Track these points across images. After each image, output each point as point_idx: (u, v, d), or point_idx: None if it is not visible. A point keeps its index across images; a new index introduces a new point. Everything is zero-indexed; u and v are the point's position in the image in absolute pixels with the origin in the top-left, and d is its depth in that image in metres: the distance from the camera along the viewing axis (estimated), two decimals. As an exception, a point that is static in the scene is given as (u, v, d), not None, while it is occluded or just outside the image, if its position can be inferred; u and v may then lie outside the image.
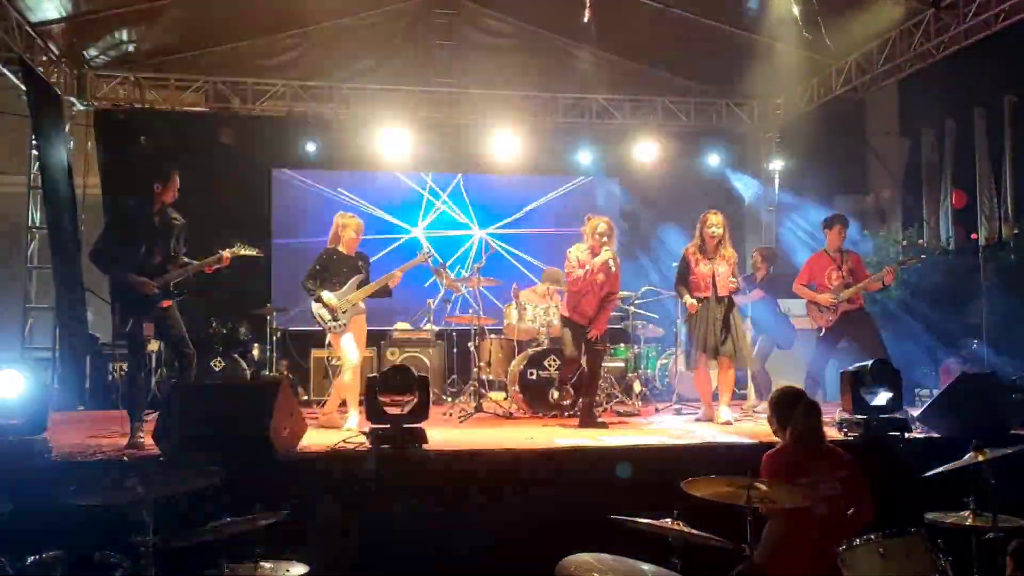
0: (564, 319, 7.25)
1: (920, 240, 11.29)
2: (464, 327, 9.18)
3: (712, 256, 7.11)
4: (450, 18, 10.56)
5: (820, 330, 7.57)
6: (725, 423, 6.91)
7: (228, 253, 6.15)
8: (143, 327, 5.98)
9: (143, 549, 3.30)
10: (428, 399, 5.41)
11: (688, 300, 7.11)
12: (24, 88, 9.10)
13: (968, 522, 3.88)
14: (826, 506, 3.82)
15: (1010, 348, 9.87)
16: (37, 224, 10.08)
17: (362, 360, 7.06)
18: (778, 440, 4.32)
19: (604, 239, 7.06)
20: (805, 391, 4.49)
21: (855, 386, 5.72)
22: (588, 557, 3.59)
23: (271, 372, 9.45)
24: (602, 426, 6.87)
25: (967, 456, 3.89)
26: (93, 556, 3.31)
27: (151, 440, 5.21)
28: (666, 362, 9.64)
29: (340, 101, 10.72)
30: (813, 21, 8.72)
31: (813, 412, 4.11)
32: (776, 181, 11.79)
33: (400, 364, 6.66)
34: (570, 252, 7.15)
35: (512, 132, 10.78)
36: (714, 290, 7.05)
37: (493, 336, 8.99)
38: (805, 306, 7.78)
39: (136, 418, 5.77)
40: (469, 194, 11.39)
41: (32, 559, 3.18)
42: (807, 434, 4.07)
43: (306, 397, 9.06)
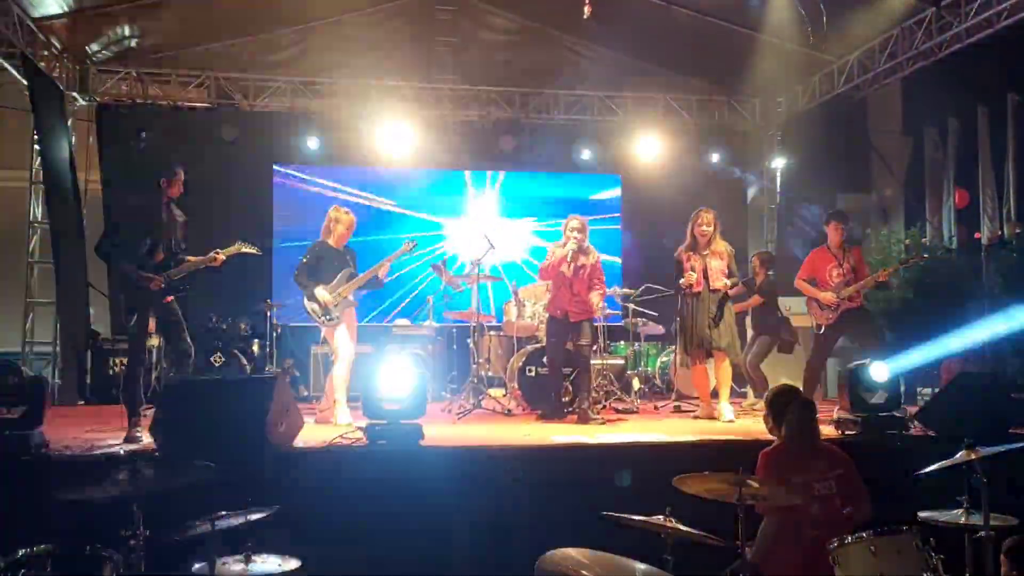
0: (547, 320, 7.42)
1: (923, 239, 11.26)
2: (464, 323, 9.18)
3: (703, 252, 7.17)
4: (452, 14, 10.58)
5: (819, 327, 7.55)
6: (728, 421, 6.90)
7: (223, 254, 6.18)
8: (147, 322, 6.01)
9: (133, 543, 3.31)
10: (425, 395, 5.42)
11: (685, 278, 7.11)
12: (26, 83, 9.12)
13: (961, 521, 3.87)
14: (820, 505, 3.81)
15: (1012, 348, 9.85)
16: (39, 219, 10.10)
17: (352, 353, 7.05)
18: (774, 438, 4.32)
19: (575, 234, 7.22)
20: (801, 389, 4.49)
21: (853, 384, 5.72)
22: (572, 552, 3.59)
23: (272, 368, 9.46)
24: (598, 423, 6.88)
25: (959, 455, 3.88)
26: (84, 550, 3.32)
27: (148, 435, 5.23)
28: (666, 360, 9.64)
29: (342, 97, 10.73)
30: (815, 18, 8.73)
31: (808, 410, 4.11)
32: (778, 179, 11.77)
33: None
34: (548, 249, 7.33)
35: (513, 128, 10.77)
36: (707, 283, 7.11)
37: (492, 333, 8.99)
38: (805, 303, 7.76)
39: (134, 413, 5.79)
40: (471, 190, 11.37)
41: (22, 552, 3.18)
42: (802, 432, 4.07)
43: (306, 393, 9.07)
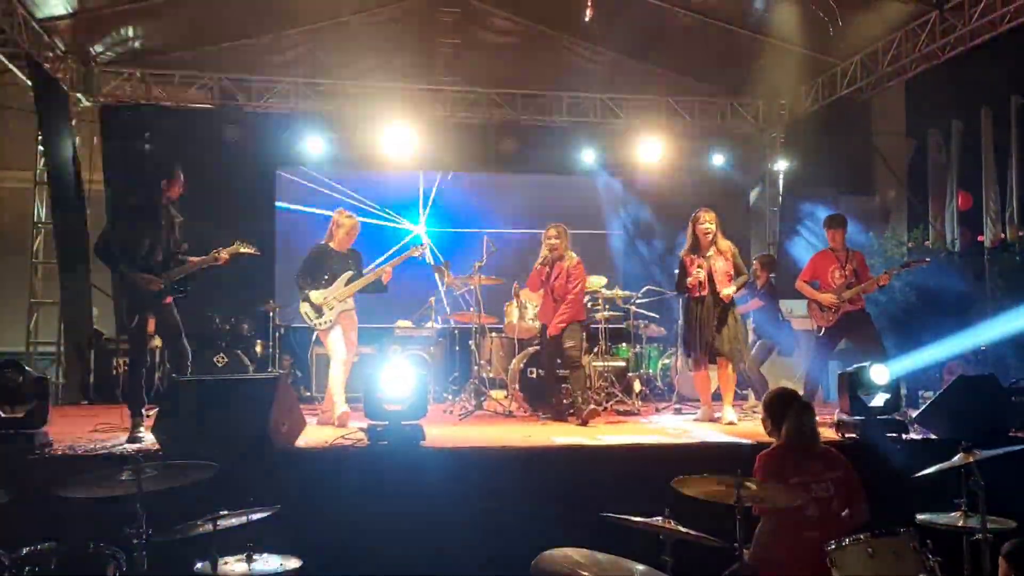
0: (540, 327, 7.59)
1: (925, 241, 11.26)
2: (465, 325, 9.20)
3: (706, 253, 7.13)
4: (455, 16, 10.60)
5: (820, 330, 7.55)
6: (729, 423, 6.91)
7: (225, 254, 6.18)
8: (148, 323, 6.02)
9: (136, 542, 3.34)
10: (426, 396, 5.44)
11: (692, 278, 7.06)
12: (31, 84, 9.16)
13: (959, 523, 3.88)
14: (817, 506, 3.83)
15: (1014, 350, 9.85)
16: (43, 219, 10.15)
17: (354, 355, 7.09)
18: (772, 440, 4.33)
19: (551, 241, 7.32)
20: (800, 392, 4.51)
21: (853, 387, 5.72)
22: (569, 551, 3.61)
23: (273, 368, 9.48)
24: (583, 424, 6.86)
25: (957, 457, 3.90)
26: (87, 548, 3.35)
27: (151, 434, 5.25)
28: (667, 362, 9.64)
29: (345, 98, 10.76)
30: (819, 21, 8.75)
31: (807, 413, 4.13)
32: (780, 182, 11.78)
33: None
34: None
35: (515, 130, 10.81)
36: (711, 287, 7.05)
37: (494, 334, 9.01)
38: (806, 306, 7.76)
39: (137, 413, 5.81)
40: (472, 192, 11.40)
41: (26, 550, 3.21)
42: (800, 434, 4.08)
43: (308, 394, 9.09)
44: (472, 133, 11.10)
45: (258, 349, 9.75)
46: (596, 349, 8.59)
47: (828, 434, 5.59)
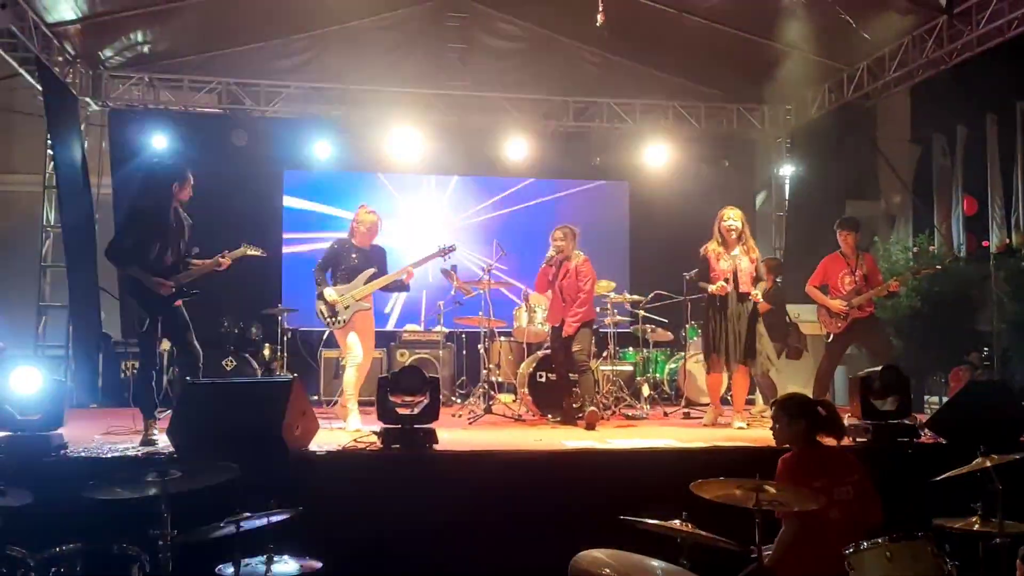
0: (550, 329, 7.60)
1: (931, 246, 11.29)
2: (474, 329, 9.21)
3: (732, 252, 7.02)
4: (462, 21, 10.64)
5: (828, 335, 7.56)
6: (739, 428, 6.90)
7: (227, 259, 6.18)
8: (158, 326, 6.02)
9: (161, 543, 3.35)
10: (438, 400, 5.45)
11: (715, 286, 6.96)
12: (40, 88, 9.19)
13: (975, 527, 3.89)
14: (839, 510, 3.84)
15: (1020, 355, 9.86)
16: (51, 223, 10.17)
17: (369, 358, 7.01)
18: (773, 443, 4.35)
19: (558, 243, 7.34)
20: (812, 397, 4.52)
21: (864, 392, 5.72)
22: (600, 554, 3.63)
23: (281, 371, 9.49)
24: (589, 428, 6.86)
25: (975, 461, 3.91)
26: (111, 549, 3.36)
27: (164, 437, 5.27)
28: (675, 366, 9.66)
29: (352, 103, 10.79)
30: (825, 26, 8.77)
31: (831, 411, 4.15)
32: (786, 187, 11.81)
33: (411, 365, 6.70)
34: None
35: (523, 135, 10.84)
36: (735, 287, 6.97)
37: (503, 338, 9.03)
38: (815, 310, 7.77)
39: (149, 415, 5.82)
40: (479, 197, 11.42)
41: (51, 551, 3.23)
42: (824, 432, 4.10)
43: (316, 397, 9.10)
44: (480, 137, 11.12)
45: (266, 353, 9.77)
46: (604, 353, 8.60)
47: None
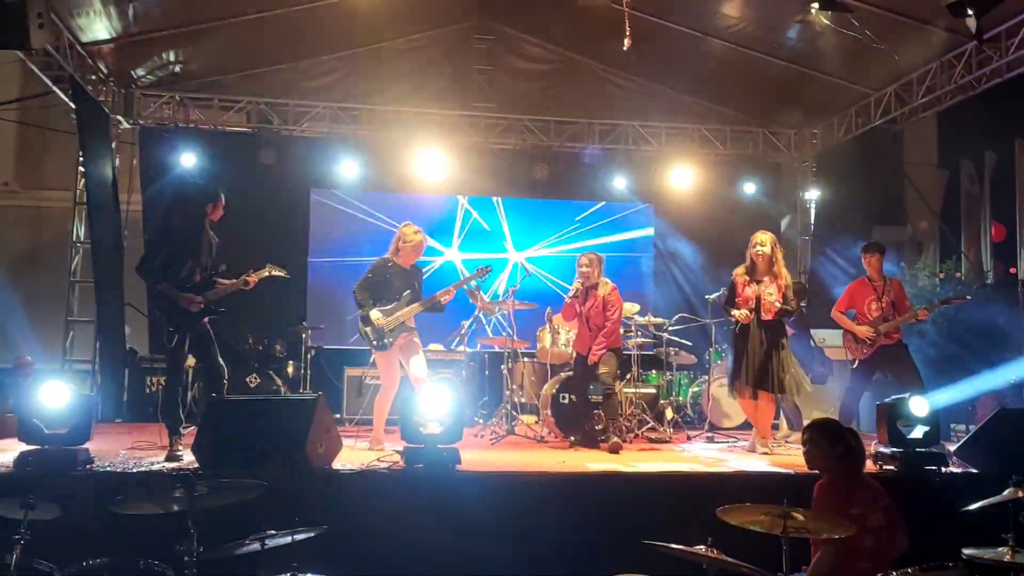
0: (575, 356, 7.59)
1: (958, 273, 11.18)
2: (496, 350, 9.21)
3: (760, 278, 6.91)
4: (489, 43, 10.78)
5: (854, 361, 7.47)
6: (763, 453, 6.83)
7: (255, 277, 6.25)
8: (186, 343, 6.08)
9: (187, 559, 3.36)
10: (462, 420, 5.46)
11: (739, 313, 6.85)
12: (73, 106, 9.34)
13: (1006, 558, 3.82)
14: (872, 537, 3.80)
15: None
16: (81, 239, 10.31)
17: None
18: (816, 471, 4.30)
19: (583, 270, 7.30)
20: (840, 422, 4.48)
21: (892, 419, 5.67)
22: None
23: (304, 389, 9.53)
24: (613, 452, 6.82)
25: (1007, 492, 3.85)
26: (137, 564, 3.38)
27: (190, 453, 5.30)
28: (698, 390, 9.59)
29: (379, 123, 10.87)
30: (852, 50, 8.74)
31: (859, 441, 4.12)
32: (812, 211, 11.75)
33: (434, 384, 6.70)
34: None
35: (548, 157, 10.88)
36: (757, 314, 6.86)
37: (526, 359, 9.02)
38: (841, 336, 7.69)
39: (175, 431, 5.87)
40: (505, 217, 11.46)
41: (78, 566, 3.25)
42: (857, 463, 4.06)
43: (339, 415, 9.11)
44: (505, 159, 11.18)
45: (290, 370, 9.81)
46: (628, 376, 8.57)
47: (866, 466, 5.54)
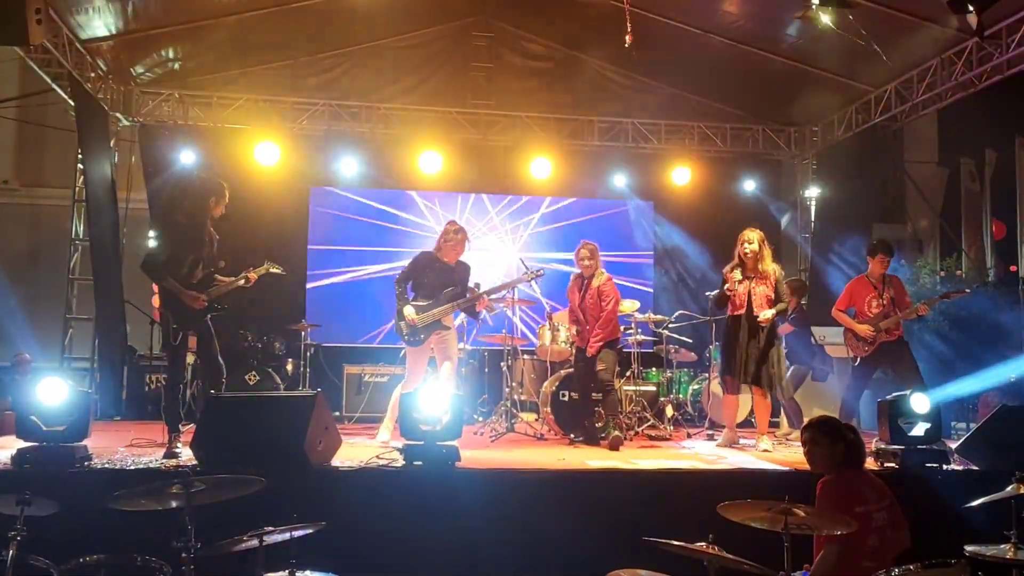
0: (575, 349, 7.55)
1: (958, 270, 11.17)
2: (497, 347, 9.19)
3: (751, 275, 6.94)
4: (488, 41, 10.77)
5: (855, 359, 7.46)
6: (764, 451, 6.80)
7: (254, 274, 6.22)
8: (187, 339, 6.06)
9: (184, 555, 3.34)
10: (461, 417, 5.44)
11: (730, 284, 6.90)
12: (72, 103, 9.32)
13: (1008, 555, 3.81)
14: (876, 535, 3.79)
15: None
16: (80, 236, 10.28)
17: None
18: (805, 466, 4.29)
19: (584, 262, 7.29)
20: (840, 419, 4.47)
21: (892, 416, 5.65)
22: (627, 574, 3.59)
23: (303, 387, 9.52)
24: (612, 449, 6.81)
25: (1009, 488, 3.83)
26: (135, 560, 3.36)
27: (188, 450, 5.28)
28: (698, 387, 9.57)
29: (378, 120, 10.86)
30: (852, 48, 8.71)
31: (860, 439, 4.10)
32: (812, 208, 11.73)
33: (433, 381, 6.69)
34: None
35: (548, 154, 10.87)
36: (748, 310, 6.88)
37: (526, 357, 9.00)
38: (842, 333, 7.68)
39: (174, 428, 5.84)
40: (504, 215, 11.44)
41: (75, 562, 3.23)
42: (859, 461, 4.04)
43: (338, 413, 9.10)
44: (505, 156, 11.16)
45: (289, 368, 9.80)
46: (628, 373, 8.55)
47: (867, 463, 5.52)
